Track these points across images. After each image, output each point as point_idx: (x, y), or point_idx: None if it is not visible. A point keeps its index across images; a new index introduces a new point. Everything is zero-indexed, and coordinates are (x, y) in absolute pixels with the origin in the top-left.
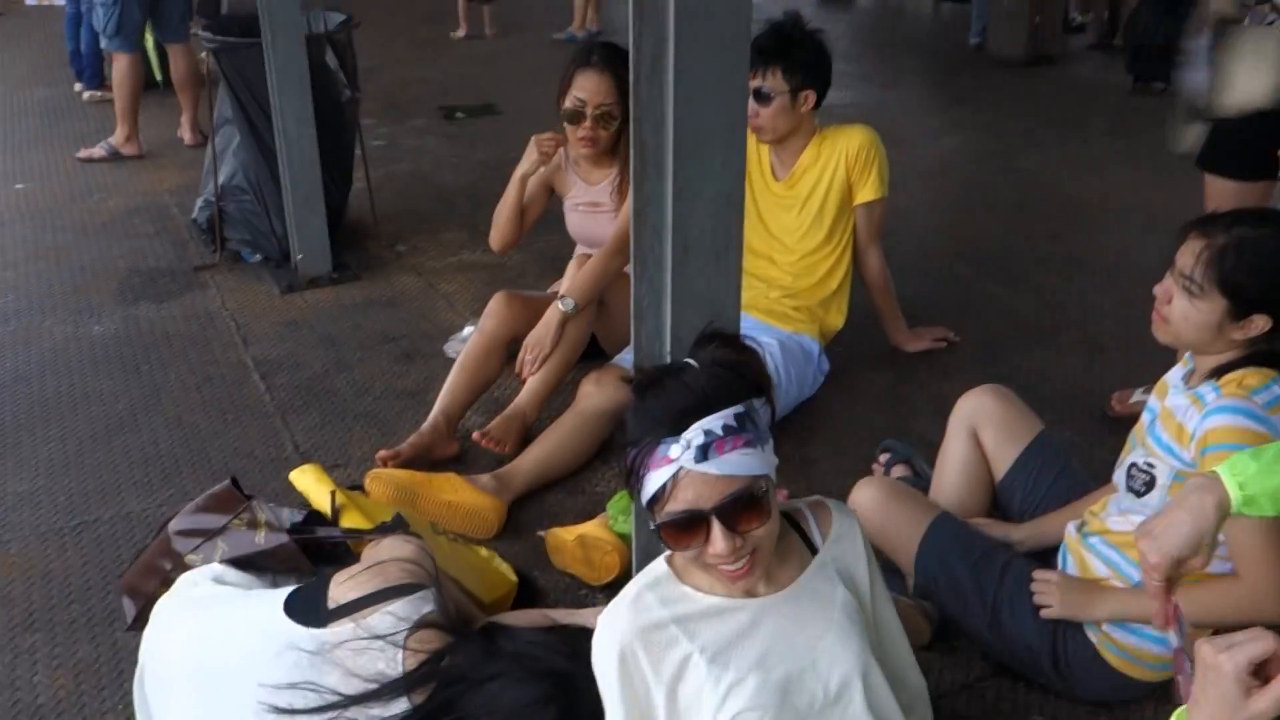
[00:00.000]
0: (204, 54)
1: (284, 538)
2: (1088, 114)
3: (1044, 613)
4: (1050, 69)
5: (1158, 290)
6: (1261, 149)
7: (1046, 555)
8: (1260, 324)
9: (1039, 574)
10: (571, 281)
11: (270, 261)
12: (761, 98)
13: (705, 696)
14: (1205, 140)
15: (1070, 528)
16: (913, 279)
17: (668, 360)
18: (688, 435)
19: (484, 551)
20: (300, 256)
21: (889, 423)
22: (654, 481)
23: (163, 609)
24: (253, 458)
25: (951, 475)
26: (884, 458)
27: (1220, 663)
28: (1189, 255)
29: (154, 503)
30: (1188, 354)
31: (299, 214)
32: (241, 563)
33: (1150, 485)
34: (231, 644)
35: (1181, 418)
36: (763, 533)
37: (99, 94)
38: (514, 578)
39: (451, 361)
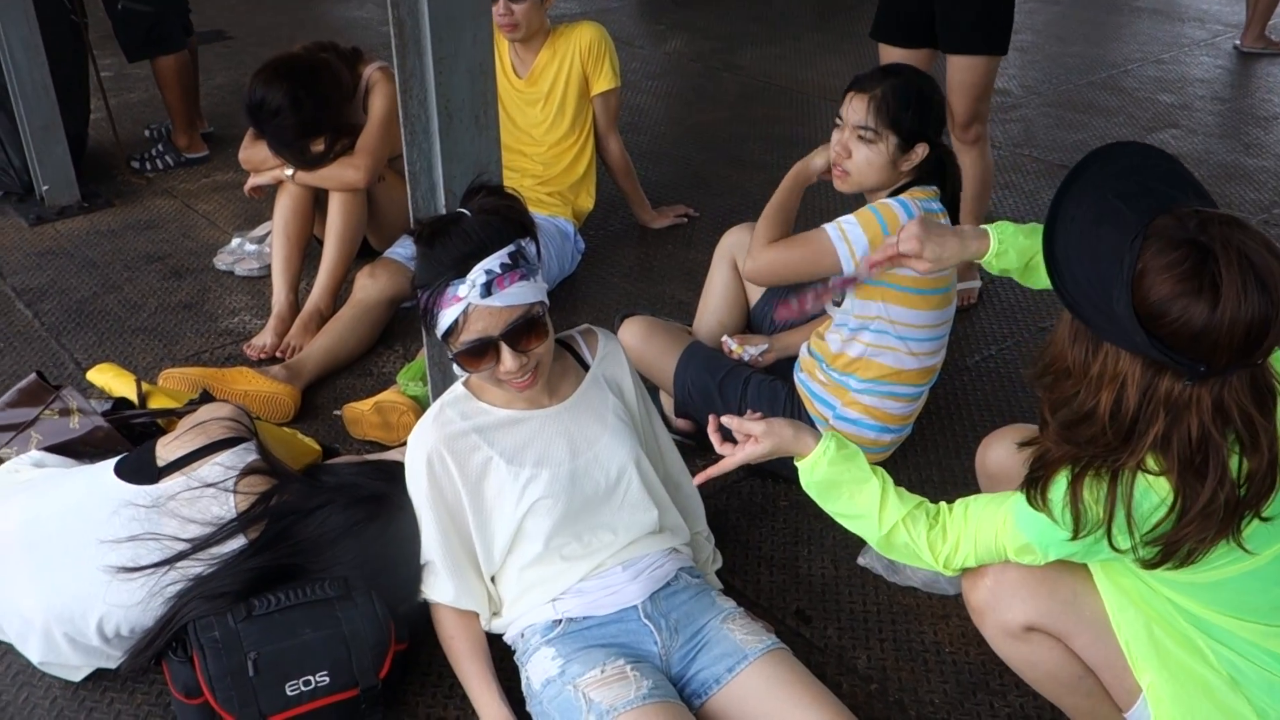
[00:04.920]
0: None
1: (99, 420)
2: (796, 13)
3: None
4: None
5: (834, 150)
6: (922, 19)
7: (784, 367)
8: (921, 151)
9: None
10: None
11: (12, 196)
12: None
13: (507, 491)
14: (876, 13)
15: (803, 348)
16: (653, 164)
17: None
18: (471, 276)
19: (286, 430)
20: (46, 188)
21: (642, 290)
22: (447, 318)
23: None
24: None
25: (714, 299)
26: None
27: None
28: (858, 110)
29: None
30: None
31: (39, 144)
32: (58, 449)
33: (843, 297)
34: (66, 511)
35: None
36: (542, 349)
37: None
38: (318, 447)
39: (224, 274)
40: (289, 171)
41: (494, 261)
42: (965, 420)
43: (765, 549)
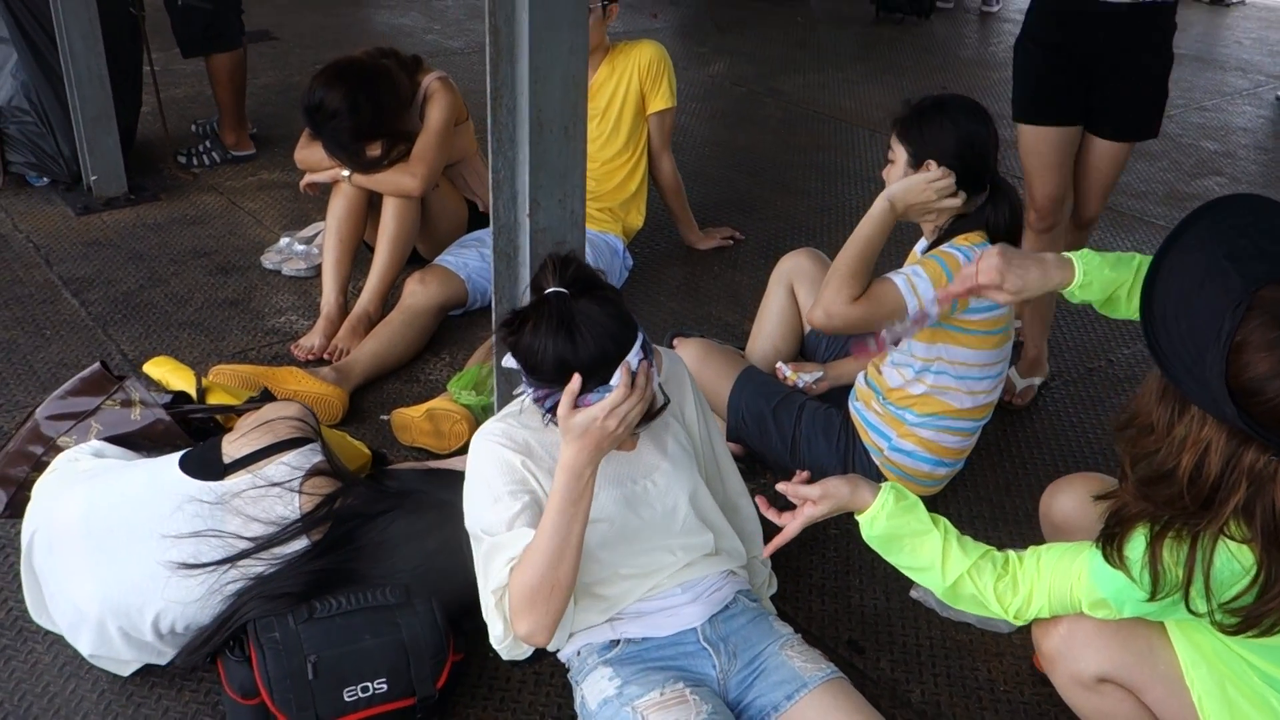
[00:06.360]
0: None
1: (160, 413)
2: (838, 42)
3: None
4: (802, 3)
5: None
6: (1076, 94)
7: (838, 395)
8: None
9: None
10: None
11: (60, 185)
12: None
13: None
14: (1016, 95)
15: (860, 378)
16: (698, 186)
17: (525, 223)
18: (614, 382)
19: (337, 432)
20: (95, 178)
21: (688, 310)
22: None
23: (45, 486)
24: (81, 368)
25: (769, 324)
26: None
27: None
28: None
29: None
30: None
31: (90, 134)
32: (118, 441)
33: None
34: (129, 502)
35: None
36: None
37: None
38: (368, 451)
39: (270, 273)
40: (346, 173)
41: (633, 359)
42: (1015, 458)
43: (816, 577)
